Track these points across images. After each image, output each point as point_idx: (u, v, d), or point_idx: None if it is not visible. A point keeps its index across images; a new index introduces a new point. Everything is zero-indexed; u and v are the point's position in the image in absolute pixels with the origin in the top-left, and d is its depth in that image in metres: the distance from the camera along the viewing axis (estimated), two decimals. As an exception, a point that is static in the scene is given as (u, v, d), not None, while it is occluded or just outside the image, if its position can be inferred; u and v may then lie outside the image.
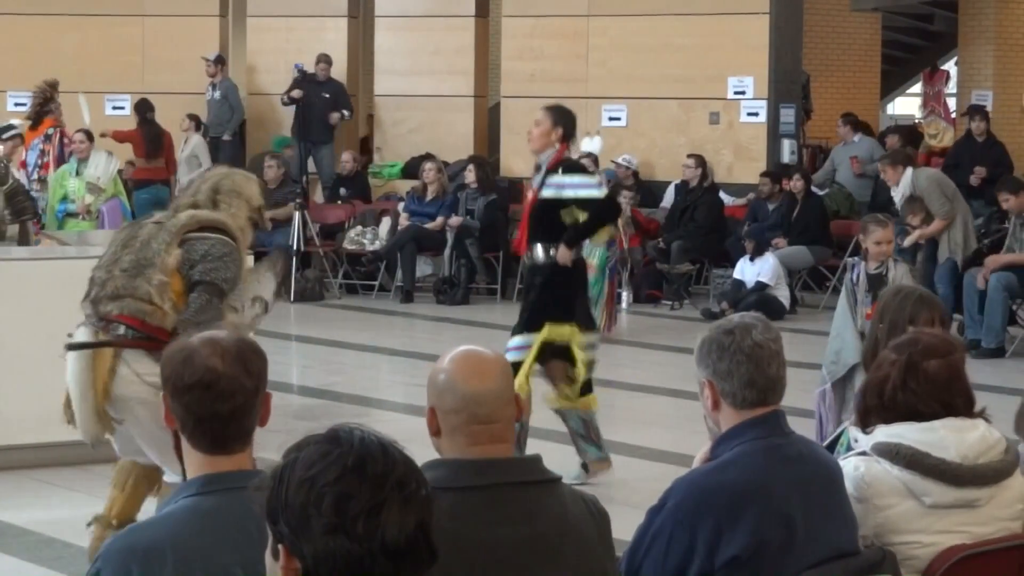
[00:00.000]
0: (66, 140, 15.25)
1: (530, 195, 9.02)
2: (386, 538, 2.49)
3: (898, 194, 13.74)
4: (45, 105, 14.91)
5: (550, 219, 8.81)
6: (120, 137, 17.82)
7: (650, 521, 3.96)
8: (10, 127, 14.47)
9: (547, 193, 8.79)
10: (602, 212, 8.91)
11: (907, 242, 14.13)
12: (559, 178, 8.75)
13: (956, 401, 4.30)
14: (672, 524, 3.90)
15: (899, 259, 9.13)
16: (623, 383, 11.79)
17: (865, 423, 4.35)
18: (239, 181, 6.74)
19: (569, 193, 8.80)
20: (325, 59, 18.50)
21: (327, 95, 18.47)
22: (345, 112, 18.51)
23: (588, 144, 13.26)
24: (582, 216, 8.83)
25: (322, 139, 18.44)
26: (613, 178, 17.06)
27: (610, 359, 12.64)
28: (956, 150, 18.00)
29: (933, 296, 5.97)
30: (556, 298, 8.77)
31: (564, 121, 8.81)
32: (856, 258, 9.28)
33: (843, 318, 8.97)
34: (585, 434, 8.76)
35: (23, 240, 10.61)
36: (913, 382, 4.28)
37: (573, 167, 8.95)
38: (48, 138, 15.54)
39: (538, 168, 8.88)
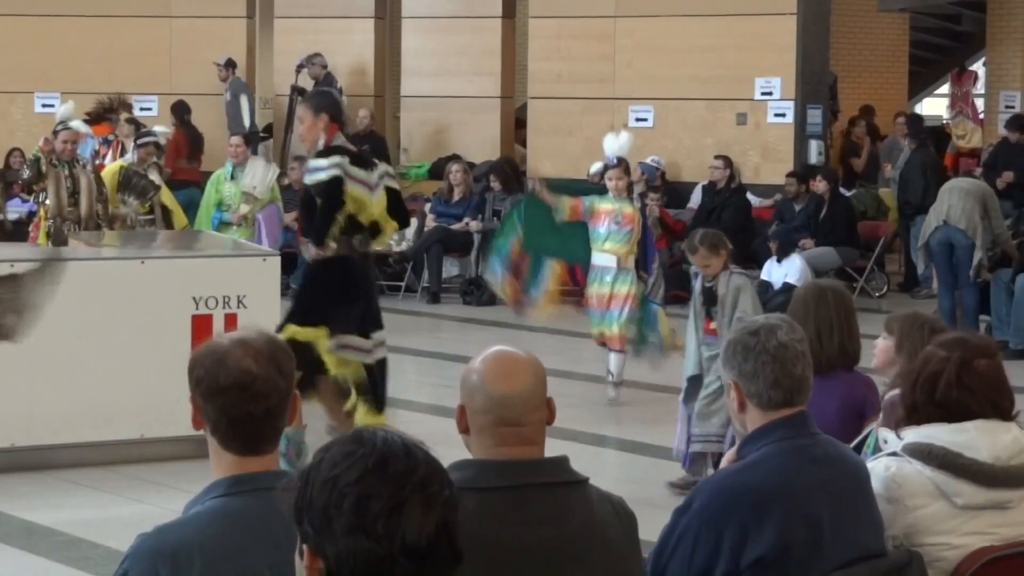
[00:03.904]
0: (113, 154, 15.03)
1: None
2: (406, 538, 2.49)
3: None
4: (106, 113, 14.75)
5: (308, 209, 8.55)
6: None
7: (676, 522, 3.96)
8: (149, 133, 14.25)
9: (305, 179, 8.59)
10: (328, 197, 8.32)
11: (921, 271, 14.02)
12: (311, 161, 8.56)
13: (1004, 402, 4.29)
14: (698, 525, 3.90)
15: (735, 271, 8.77)
16: (648, 384, 11.78)
17: (911, 419, 4.31)
18: None
19: (307, 178, 8.57)
20: (319, 60, 18.50)
21: None
22: None
23: (612, 142, 12.96)
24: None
25: None
26: (651, 174, 17.04)
27: (636, 359, 12.63)
28: (995, 150, 17.93)
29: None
30: (311, 300, 8.40)
31: (323, 103, 8.59)
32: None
33: (689, 330, 8.88)
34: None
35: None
36: (968, 379, 4.25)
37: (326, 151, 8.45)
38: (108, 143, 15.41)
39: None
